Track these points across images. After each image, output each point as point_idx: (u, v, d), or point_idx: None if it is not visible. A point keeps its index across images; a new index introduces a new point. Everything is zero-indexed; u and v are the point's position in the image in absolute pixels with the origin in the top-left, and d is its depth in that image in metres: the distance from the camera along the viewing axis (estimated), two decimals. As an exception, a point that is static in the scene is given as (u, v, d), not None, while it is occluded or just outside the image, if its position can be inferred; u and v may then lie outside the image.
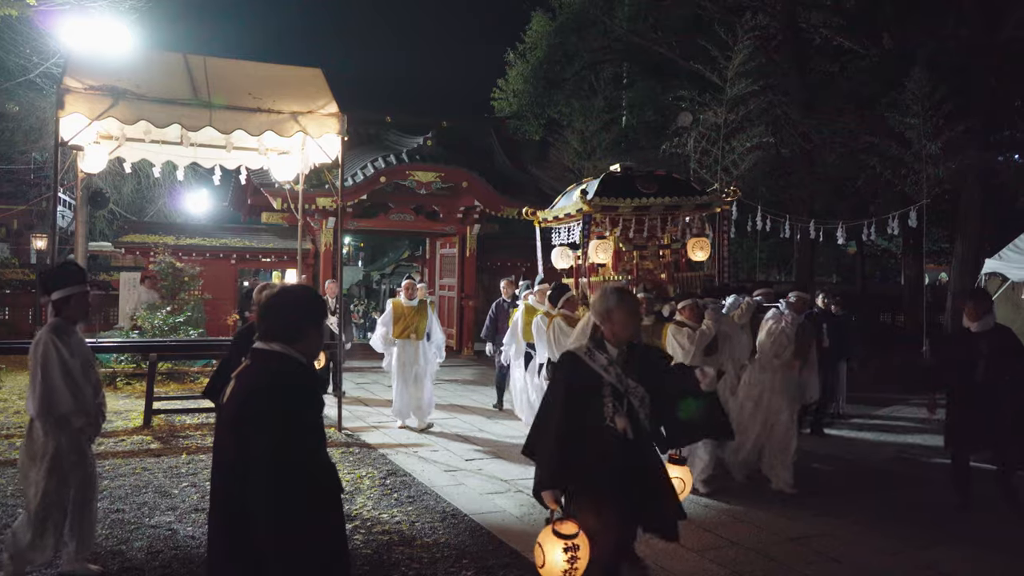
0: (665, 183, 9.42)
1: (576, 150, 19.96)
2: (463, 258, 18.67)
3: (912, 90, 14.11)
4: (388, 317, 9.77)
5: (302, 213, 11.83)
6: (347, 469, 7.59)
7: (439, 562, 5.24)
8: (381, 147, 18.24)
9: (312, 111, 9.35)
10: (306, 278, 16.26)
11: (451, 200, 18.11)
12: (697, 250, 9.58)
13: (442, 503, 6.58)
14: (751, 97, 15.66)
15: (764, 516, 6.42)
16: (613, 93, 21.95)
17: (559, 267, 10.42)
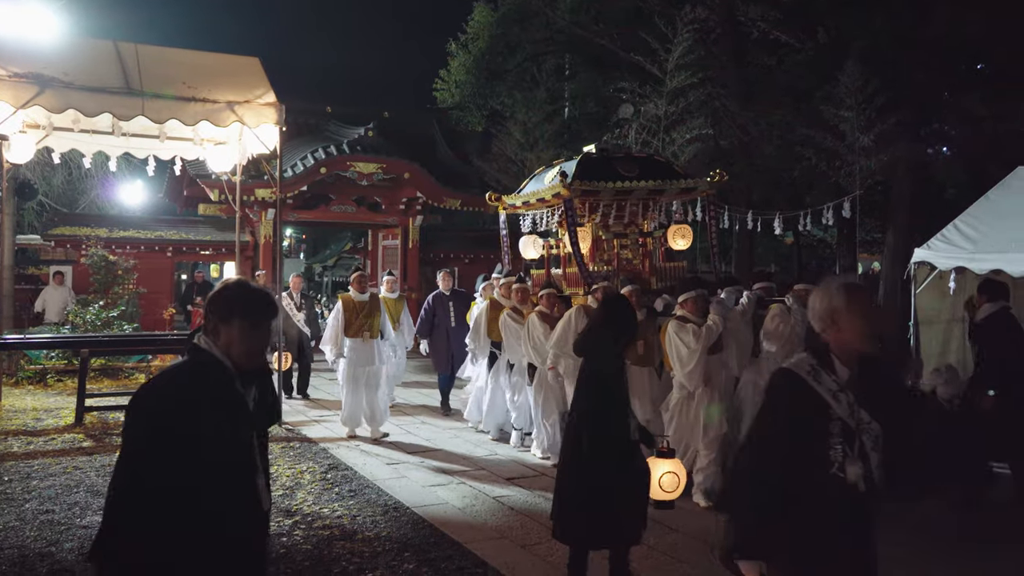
0: (646, 165, 8.71)
1: (519, 141, 19.95)
2: (406, 250, 18.56)
3: (845, 83, 14.41)
4: (338, 313, 8.85)
5: (240, 205, 11.62)
6: (287, 464, 7.49)
7: (380, 555, 5.21)
8: (322, 138, 17.99)
9: (249, 100, 9.19)
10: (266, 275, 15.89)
11: (393, 191, 17.97)
12: (679, 238, 8.96)
13: (384, 496, 6.54)
14: (691, 89, 15.85)
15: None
16: (555, 84, 21.96)
17: (527, 257, 9.73)
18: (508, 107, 21.67)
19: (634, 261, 8.93)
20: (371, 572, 4.93)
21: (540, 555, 5.27)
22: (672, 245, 9.06)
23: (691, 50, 15.84)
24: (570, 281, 8.77)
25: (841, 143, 14.38)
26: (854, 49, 15.89)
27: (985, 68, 18.28)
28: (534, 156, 19.66)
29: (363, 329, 8.77)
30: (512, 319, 8.24)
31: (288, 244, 36.07)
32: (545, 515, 6.06)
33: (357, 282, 9.00)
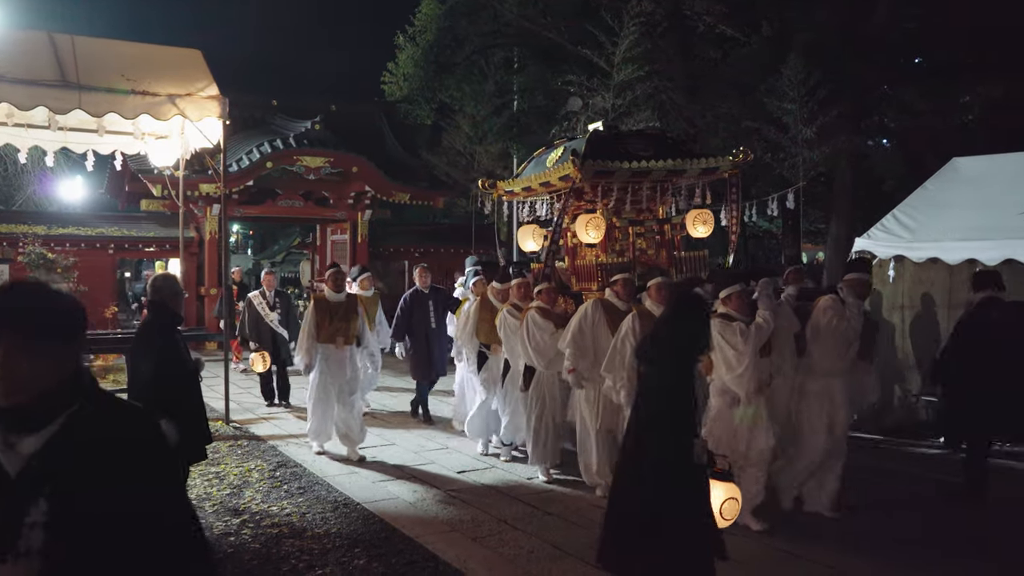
0: (660, 144, 7.87)
1: (468, 135, 19.90)
2: (355, 245, 18.40)
3: (788, 76, 14.64)
4: (310, 315, 7.75)
5: (183, 200, 11.38)
6: (235, 463, 7.38)
7: (330, 552, 5.16)
8: (267, 132, 17.72)
9: (191, 93, 9.00)
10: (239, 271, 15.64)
11: (341, 186, 17.80)
12: (699, 224, 8.03)
13: (334, 493, 6.49)
14: (638, 82, 15.97)
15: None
16: (504, 78, 21.92)
17: (527, 249, 8.79)
18: (457, 100, 21.57)
19: (648, 251, 8.04)
20: (321, 569, 4.88)
21: (491, 547, 5.27)
22: (691, 232, 8.15)
23: (638, 43, 15.94)
24: (580, 275, 7.86)
25: (784, 135, 14.62)
26: (797, 43, 16.18)
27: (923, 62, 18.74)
28: (483, 149, 19.64)
29: (336, 334, 7.67)
30: (513, 316, 7.26)
31: (235, 240, 35.53)
32: (496, 507, 6.10)
33: (332, 280, 7.94)
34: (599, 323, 6.44)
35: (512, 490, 6.61)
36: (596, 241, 7.62)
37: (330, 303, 7.79)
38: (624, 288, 6.54)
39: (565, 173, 7.31)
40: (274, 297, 10.38)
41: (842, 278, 6.19)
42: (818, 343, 5.90)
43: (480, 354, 7.90)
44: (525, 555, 5.13)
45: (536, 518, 5.88)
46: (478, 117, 19.88)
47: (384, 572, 4.84)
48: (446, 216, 25.13)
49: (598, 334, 6.42)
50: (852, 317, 5.87)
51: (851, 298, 5.95)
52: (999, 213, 8.43)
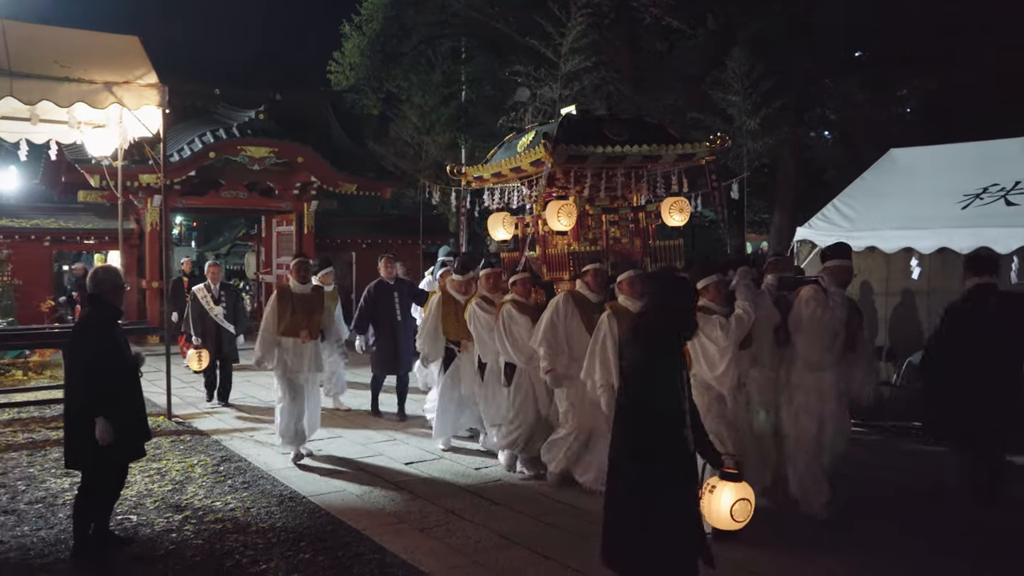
0: (637, 128, 7.53)
1: (415, 125, 19.77)
2: (301, 236, 18.16)
3: (733, 69, 14.85)
4: (273, 306, 7.28)
5: (123, 191, 11.10)
6: (177, 458, 7.24)
7: (275, 547, 5.10)
8: (210, 121, 17.39)
9: (129, 81, 8.78)
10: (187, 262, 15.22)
11: (286, 176, 17.54)
12: (675, 212, 7.69)
13: (279, 487, 6.41)
14: (585, 73, 16.03)
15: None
16: (452, 67, 21.81)
17: (497, 238, 8.36)
18: (404, 90, 21.40)
19: (622, 240, 7.74)
20: (266, 564, 4.83)
21: (439, 538, 5.26)
22: (667, 221, 7.79)
23: (585, 34, 16.00)
24: (551, 264, 7.54)
25: (730, 126, 14.82)
26: (741, 36, 16.40)
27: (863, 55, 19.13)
28: (431, 140, 19.54)
29: (300, 327, 7.20)
30: (483, 310, 6.92)
31: (178, 232, 34.81)
32: (444, 498, 6.09)
33: (297, 271, 7.42)
34: (571, 317, 6.21)
35: (460, 480, 6.61)
36: (567, 229, 7.28)
37: (294, 294, 7.29)
38: (595, 279, 6.32)
39: (537, 158, 6.97)
40: (219, 290, 9.90)
41: (823, 264, 5.84)
42: (802, 336, 5.61)
43: (447, 351, 7.63)
44: (472, 545, 5.13)
45: (484, 508, 5.89)
46: (426, 107, 19.76)
47: (330, 565, 4.80)
48: (395, 207, 24.95)
49: (571, 329, 6.20)
50: (836, 307, 5.57)
51: (833, 287, 5.64)
52: (935, 203, 8.66)
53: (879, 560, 4.91)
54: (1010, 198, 8.21)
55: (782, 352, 5.78)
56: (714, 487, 3.92)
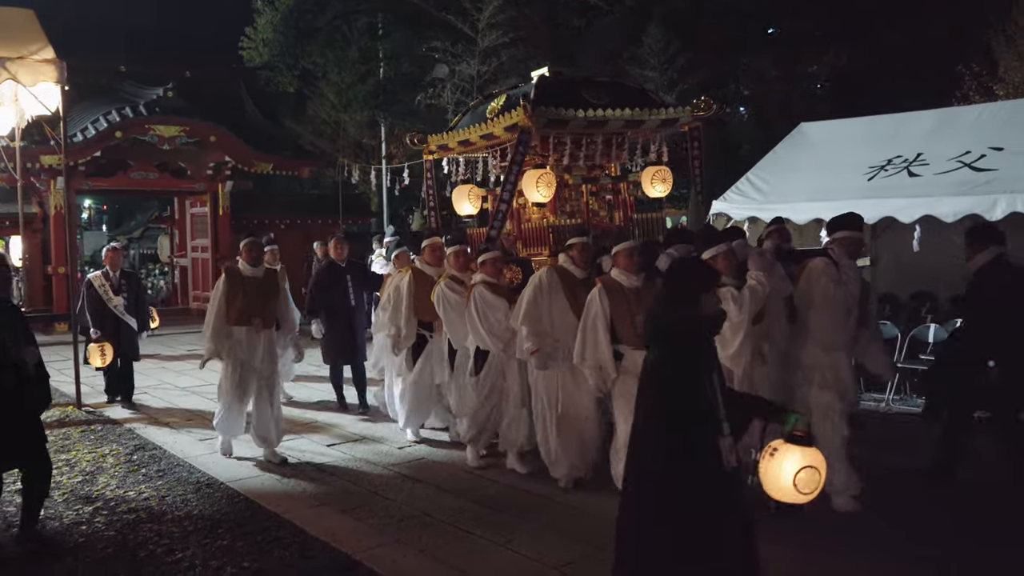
0: (616, 92, 6.97)
1: (332, 103, 19.45)
2: (216, 217, 17.66)
3: (649, 45, 15.03)
4: (219, 292, 6.54)
5: (22, 172, 10.57)
6: (87, 448, 6.99)
7: (192, 535, 4.97)
8: (116, 99, 16.68)
9: (23, 56, 8.38)
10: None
11: (199, 156, 17.00)
12: (657, 183, 7.16)
13: (196, 474, 6.25)
14: (503, 49, 15.98)
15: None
16: (369, 44, 21.46)
17: (462, 213, 7.70)
18: (320, 67, 20.99)
19: (600, 212, 7.20)
20: (182, 552, 4.70)
21: (361, 518, 5.21)
22: (648, 192, 7.28)
23: (502, 10, 15.95)
24: (527, 239, 6.88)
25: (647, 102, 14.96)
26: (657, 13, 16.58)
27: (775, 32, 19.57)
28: (349, 118, 19.24)
29: (253, 315, 6.49)
30: (452, 291, 6.37)
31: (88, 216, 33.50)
32: (367, 478, 6.03)
33: (248, 252, 6.66)
34: (555, 293, 5.65)
35: (382, 460, 6.55)
36: (546, 200, 6.65)
37: (245, 278, 6.55)
38: (581, 253, 5.76)
39: (513, 123, 6.35)
40: (119, 279, 8.75)
41: (831, 235, 5.39)
42: (814, 313, 5.14)
43: (420, 336, 6.97)
44: (395, 524, 5.10)
45: (407, 487, 5.85)
46: (342, 84, 19.43)
47: (248, 551, 4.70)
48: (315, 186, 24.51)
49: (554, 306, 5.65)
50: (849, 281, 5.13)
51: (845, 259, 5.20)
52: (843, 175, 8.94)
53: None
54: (912, 169, 8.53)
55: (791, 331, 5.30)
56: (776, 450, 3.35)
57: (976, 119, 9.01)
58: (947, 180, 8.11)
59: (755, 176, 9.63)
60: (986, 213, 7.33)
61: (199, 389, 9.60)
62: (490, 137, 6.94)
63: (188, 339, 13.90)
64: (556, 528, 4.95)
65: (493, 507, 5.36)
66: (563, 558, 4.49)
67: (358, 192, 20.44)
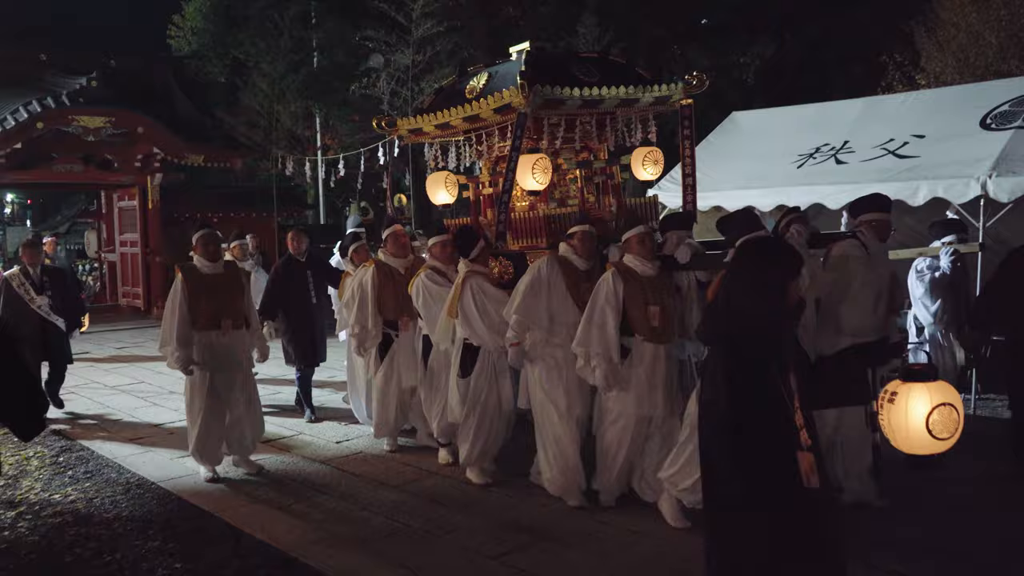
0: (606, 68, 6.37)
1: (265, 93, 19.03)
2: (145, 211, 17.18)
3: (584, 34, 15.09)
4: (176, 295, 5.80)
5: (-65, 165, 10.16)
6: (9, 452, 6.73)
7: (121, 537, 4.85)
8: (36, 89, 16.04)
9: (-68, 44, 8.00)
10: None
11: (127, 148, 16.50)
12: (649, 165, 6.67)
13: (126, 474, 6.08)
14: (438, 38, 15.86)
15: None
16: (302, 33, 21.05)
17: (439, 202, 7.02)
18: (252, 57, 20.50)
19: (588, 198, 6.61)
20: (110, 555, 4.57)
21: (296, 514, 5.14)
22: (638, 174, 6.77)
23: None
24: (519, 231, 6.14)
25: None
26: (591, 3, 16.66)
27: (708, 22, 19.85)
28: (282, 108, 18.90)
29: (220, 315, 5.81)
30: (435, 283, 5.88)
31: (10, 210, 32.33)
32: (303, 474, 5.95)
33: (203, 244, 5.97)
34: (556, 285, 5.19)
35: (319, 456, 6.47)
36: (542, 187, 6.11)
37: (204, 276, 5.87)
38: (583, 242, 5.30)
39: (504, 103, 5.75)
40: (41, 276, 8.05)
41: (859, 216, 5.11)
42: (846, 299, 4.79)
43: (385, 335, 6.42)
44: (333, 519, 5.04)
45: (344, 481, 5.79)
46: (275, 74, 19.01)
47: (181, 551, 4.60)
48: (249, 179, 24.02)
49: (554, 299, 5.19)
50: (880, 265, 4.91)
51: (875, 242, 4.94)
52: (773, 163, 9.11)
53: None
54: (840, 157, 8.73)
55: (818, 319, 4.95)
56: (895, 394, 2.92)
57: (899, 107, 9.25)
58: (872, 167, 8.32)
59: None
60: (909, 199, 7.54)
61: (129, 388, 9.36)
62: (475, 119, 6.24)
63: (118, 336, 13.54)
64: (495, 518, 4.96)
65: (432, 499, 5.35)
66: (502, 548, 4.50)
67: (294, 184, 20.11)
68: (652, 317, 4.81)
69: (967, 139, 7.98)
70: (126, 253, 17.83)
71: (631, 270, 4.93)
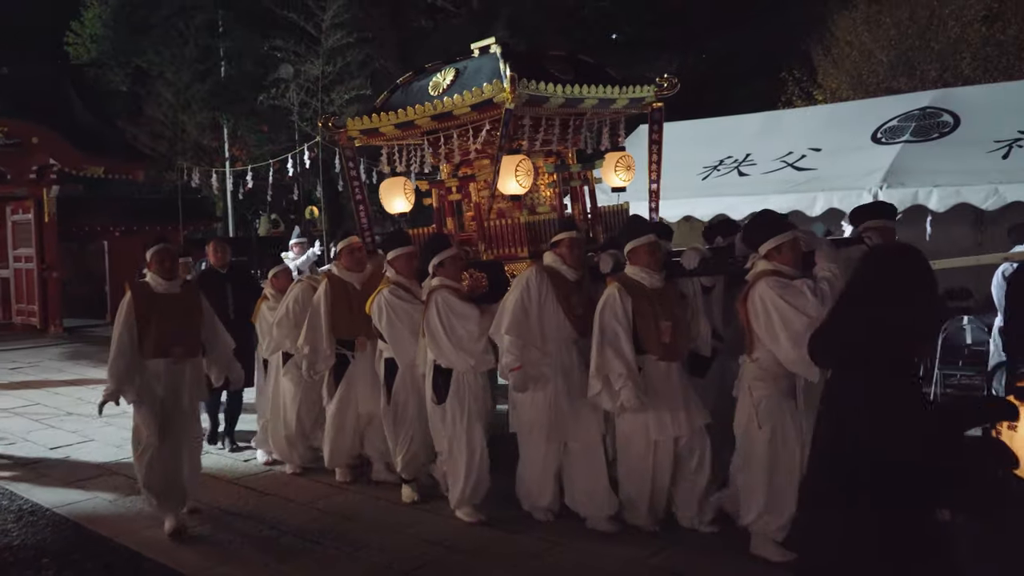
0: (578, 67, 5.95)
1: (170, 102, 18.52)
2: (41, 225, 16.42)
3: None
4: (125, 316, 5.03)
5: None
6: None
7: (12, 567, 4.63)
8: (-79, 97, 15.28)
9: None
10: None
11: (20, 159, 15.76)
12: (621, 170, 6.28)
13: (17, 501, 5.80)
14: (348, 49, 15.76)
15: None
16: (209, 42, 20.59)
17: (394, 211, 6.39)
18: (156, 65, 19.94)
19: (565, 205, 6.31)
20: (-1, 587, 4.36)
21: (202, 537, 4.98)
22: (608, 181, 6.37)
23: (346, 9, 15.72)
24: (493, 239, 5.74)
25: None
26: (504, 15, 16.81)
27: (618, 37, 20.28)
28: (188, 118, 18.43)
29: (172, 342, 5.07)
30: (400, 299, 5.33)
31: None
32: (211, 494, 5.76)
33: (158, 260, 5.17)
34: (546, 299, 4.80)
35: (227, 474, 6.30)
36: (524, 191, 5.60)
37: (157, 296, 5.13)
38: (572, 250, 4.91)
39: (484, 99, 5.29)
40: None
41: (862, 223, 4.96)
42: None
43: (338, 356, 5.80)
44: (239, 540, 4.91)
45: (252, 500, 5.65)
46: (180, 84, 18.53)
47: (77, 580, 4.41)
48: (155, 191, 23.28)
49: (545, 314, 4.80)
50: None
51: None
52: (679, 174, 9.31)
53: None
54: (742, 169, 9.04)
55: None
56: (1014, 426, 2.71)
57: (798, 121, 9.66)
58: (773, 179, 8.64)
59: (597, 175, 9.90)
60: (807, 209, 7.85)
61: (23, 410, 8.91)
62: (446, 117, 5.70)
63: (12, 356, 12.89)
64: (406, 533, 4.92)
65: (342, 516, 5.27)
66: (414, 563, 4.46)
67: (201, 196, 19.59)
68: (664, 333, 4.54)
69: (860, 152, 8.37)
70: (20, 269, 17.02)
71: (637, 284, 4.60)
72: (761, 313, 4.09)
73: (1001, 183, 7.14)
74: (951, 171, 7.57)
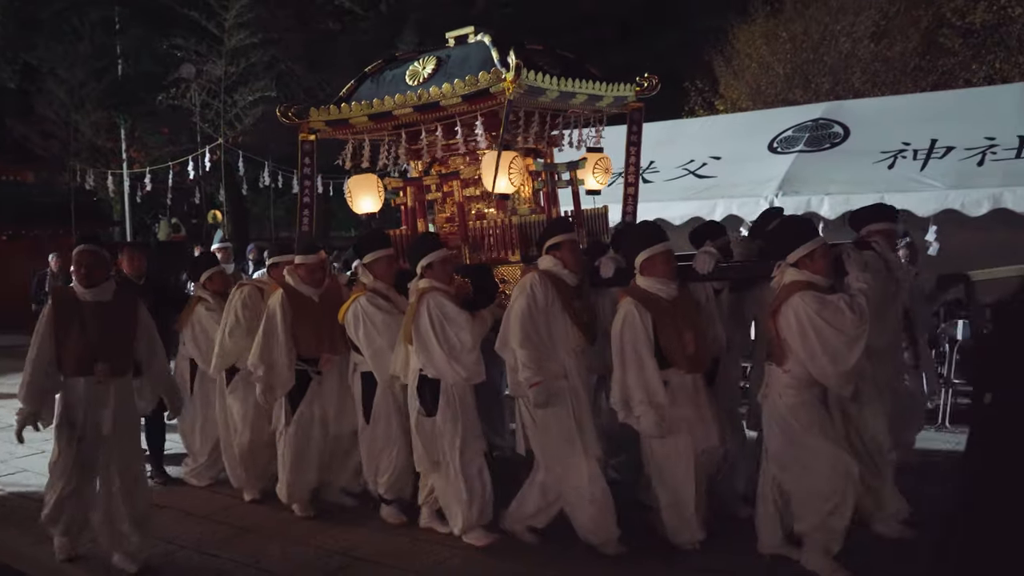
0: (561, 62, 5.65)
1: (63, 101, 17.76)
2: (-80, 228, 15.56)
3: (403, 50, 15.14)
4: (45, 327, 4.48)
5: None
6: None
7: None
8: None
9: None
10: None
11: None
12: (600, 172, 6.02)
13: None
14: (252, 50, 15.46)
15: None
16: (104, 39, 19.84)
17: (362, 211, 5.99)
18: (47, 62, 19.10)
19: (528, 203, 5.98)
20: None
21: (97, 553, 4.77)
22: (587, 182, 6.10)
23: (250, 9, 15.41)
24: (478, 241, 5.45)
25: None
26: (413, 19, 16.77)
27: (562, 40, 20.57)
28: (82, 118, 17.72)
29: (96, 358, 4.41)
30: (379, 307, 4.87)
31: None
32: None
33: (77, 263, 4.56)
34: (552, 306, 4.45)
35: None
36: (515, 190, 5.32)
37: (81, 304, 4.48)
38: (572, 253, 4.59)
39: (480, 88, 4.95)
40: None
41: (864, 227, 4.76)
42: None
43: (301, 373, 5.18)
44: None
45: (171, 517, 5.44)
46: (73, 82, 17.79)
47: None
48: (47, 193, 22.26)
49: (552, 322, 4.46)
50: (903, 278, 4.62)
51: (890, 253, 4.64)
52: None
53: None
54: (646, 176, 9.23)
55: None
56: None
57: (699, 131, 9.93)
58: (676, 186, 8.87)
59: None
60: (707, 216, 8.08)
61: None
62: (432, 108, 5.26)
63: None
64: (307, 543, 4.83)
65: (241, 528, 5.15)
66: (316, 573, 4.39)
67: (96, 199, 18.82)
68: (688, 344, 4.25)
69: (757, 161, 8.69)
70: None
71: (654, 296, 4.30)
72: (797, 330, 3.91)
73: (887, 192, 7.50)
74: (841, 180, 7.94)
